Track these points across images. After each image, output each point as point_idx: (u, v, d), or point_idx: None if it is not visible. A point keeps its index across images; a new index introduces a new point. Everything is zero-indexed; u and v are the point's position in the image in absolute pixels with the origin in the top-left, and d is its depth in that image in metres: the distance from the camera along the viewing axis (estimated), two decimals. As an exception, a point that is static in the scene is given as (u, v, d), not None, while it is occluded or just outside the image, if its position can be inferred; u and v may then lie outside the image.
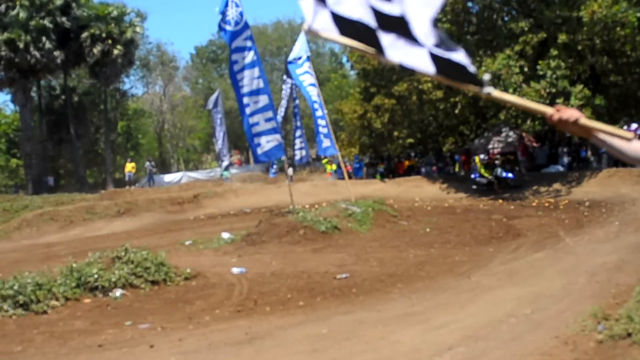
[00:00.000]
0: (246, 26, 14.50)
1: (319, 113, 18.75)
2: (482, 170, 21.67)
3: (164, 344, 5.78)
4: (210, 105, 29.32)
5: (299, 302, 7.46)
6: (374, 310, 6.79)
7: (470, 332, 5.58)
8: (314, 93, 18.65)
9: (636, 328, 4.62)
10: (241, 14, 14.35)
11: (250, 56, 14.41)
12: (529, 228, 13.44)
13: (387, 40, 2.15)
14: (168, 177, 37.82)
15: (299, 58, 18.84)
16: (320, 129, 18.77)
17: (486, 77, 2.14)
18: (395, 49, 2.15)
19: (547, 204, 17.86)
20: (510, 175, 21.55)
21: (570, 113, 2.21)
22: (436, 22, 2.17)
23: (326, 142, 18.70)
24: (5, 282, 7.29)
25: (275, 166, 32.38)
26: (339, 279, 8.77)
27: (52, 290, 7.40)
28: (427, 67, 2.15)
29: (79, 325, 6.62)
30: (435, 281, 8.45)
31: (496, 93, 2.18)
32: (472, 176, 21.90)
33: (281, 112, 24.57)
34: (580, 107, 19.67)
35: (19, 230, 19.33)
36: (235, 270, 9.51)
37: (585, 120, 2.22)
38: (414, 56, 2.14)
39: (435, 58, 2.13)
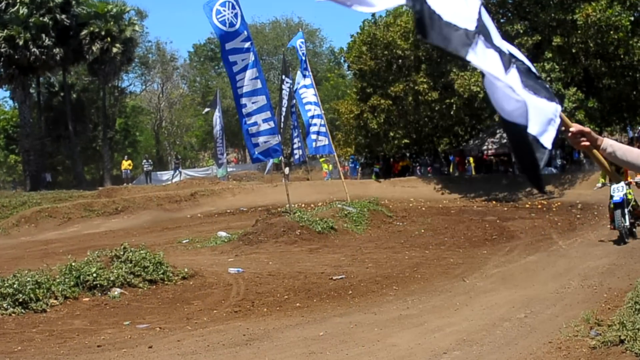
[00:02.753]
0: (243, 28, 14.47)
1: (310, 113, 18.78)
2: None
3: (162, 344, 5.85)
4: (212, 108, 29.45)
5: (296, 304, 7.54)
6: (369, 313, 6.88)
7: (464, 336, 5.67)
8: (309, 97, 18.84)
9: (629, 335, 4.69)
10: (236, 16, 14.30)
11: (248, 57, 14.41)
12: (522, 230, 13.55)
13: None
14: (166, 175, 37.83)
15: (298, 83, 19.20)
16: (312, 128, 18.82)
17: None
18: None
19: (540, 206, 17.97)
20: None
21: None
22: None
23: (321, 141, 18.70)
24: (4, 280, 7.35)
25: (271, 163, 32.40)
26: (335, 280, 8.86)
27: (51, 289, 7.46)
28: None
29: (78, 325, 6.68)
30: (430, 283, 8.54)
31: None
32: None
33: (282, 111, 24.62)
34: (574, 110, 19.80)
35: (18, 226, 19.32)
36: (232, 270, 9.58)
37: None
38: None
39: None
